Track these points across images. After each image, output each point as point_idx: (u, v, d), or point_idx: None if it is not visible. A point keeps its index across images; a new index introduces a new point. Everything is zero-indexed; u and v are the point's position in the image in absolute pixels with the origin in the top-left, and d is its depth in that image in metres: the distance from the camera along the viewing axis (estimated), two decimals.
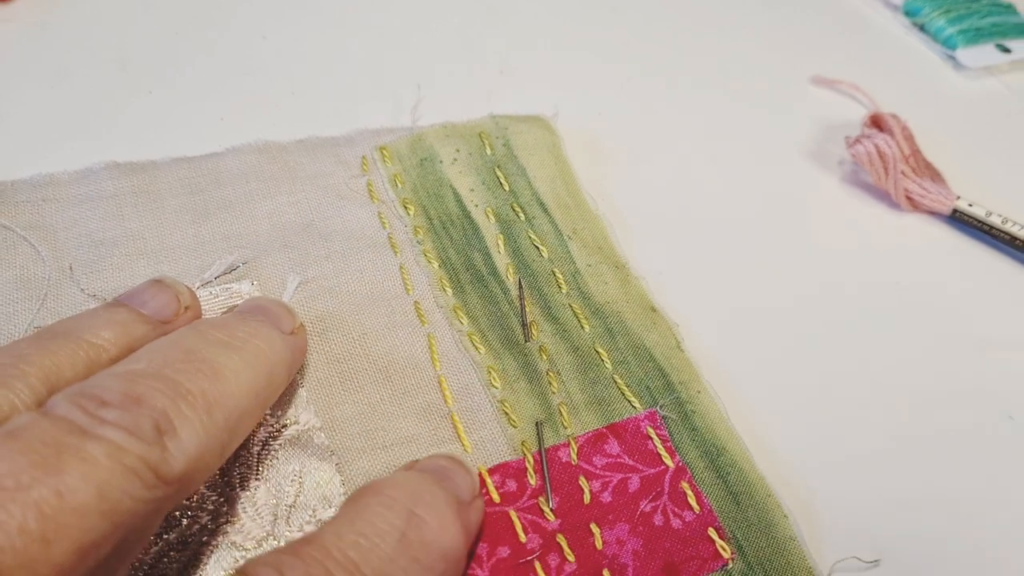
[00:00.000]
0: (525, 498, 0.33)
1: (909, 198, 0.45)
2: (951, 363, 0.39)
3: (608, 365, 0.37)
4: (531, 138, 0.44)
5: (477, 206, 0.41)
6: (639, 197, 0.44)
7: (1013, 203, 0.45)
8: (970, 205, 0.44)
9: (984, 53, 0.54)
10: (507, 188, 0.42)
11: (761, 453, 0.35)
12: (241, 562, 0.29)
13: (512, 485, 0.33)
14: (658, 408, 0.35)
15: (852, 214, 0.45)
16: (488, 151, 0.43)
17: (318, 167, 0.41)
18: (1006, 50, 0.55)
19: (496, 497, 0.33)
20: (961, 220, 0.45)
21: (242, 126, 0.43)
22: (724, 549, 0.32)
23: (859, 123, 0.48)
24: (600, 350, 0.37)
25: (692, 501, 0.33)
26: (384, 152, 0.42)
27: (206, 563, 0.29)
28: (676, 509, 0.33)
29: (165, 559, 0.29)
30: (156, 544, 0.29)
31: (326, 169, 0.41)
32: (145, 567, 0.28)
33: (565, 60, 0.51)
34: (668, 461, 0.34)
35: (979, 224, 0.44)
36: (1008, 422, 0.36)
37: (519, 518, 0.32)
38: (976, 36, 0.55)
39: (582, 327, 0.38)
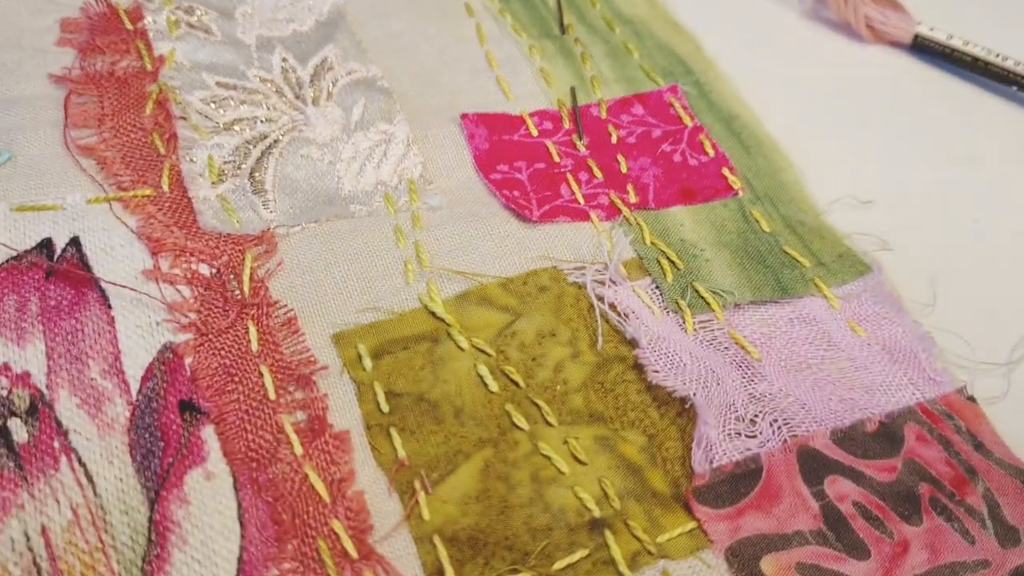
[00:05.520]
0: (560, 135, 0.37)
1: (870, 27, 0.44)
2: (919, 175, 0.39)
3: (636, 56, 0.41)
4: None
5: None
6: None
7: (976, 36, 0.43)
8: (931, 30, 0.43)
9: None
10: None
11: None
12: (315, 154, 0.34)
13: (548, 125, 0.37)
14: (679, 84, 0.40)
15: (814, 46, 0.44)
16: None
17: None
18: None
19: (535, 132, 0.37)
20: (923, 47, 0.43)
21: None
22: (735, 183, 0.36)
23: None
24: (629, 46, 0.41)
25: (708, 148, 0.38)
26: None
27: (288, 153, 0.34)
28: (693, 153, 0.37)
29: (258, 154, 0.34)
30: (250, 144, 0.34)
31: None
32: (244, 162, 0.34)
33: None
34: (687, 121, 0.38)
35: (941, 48, 0.43)
36: (974, 224, 0.38)
37: (554, 146, 0.37)
38: None
39: (612, 31, 0.42)
